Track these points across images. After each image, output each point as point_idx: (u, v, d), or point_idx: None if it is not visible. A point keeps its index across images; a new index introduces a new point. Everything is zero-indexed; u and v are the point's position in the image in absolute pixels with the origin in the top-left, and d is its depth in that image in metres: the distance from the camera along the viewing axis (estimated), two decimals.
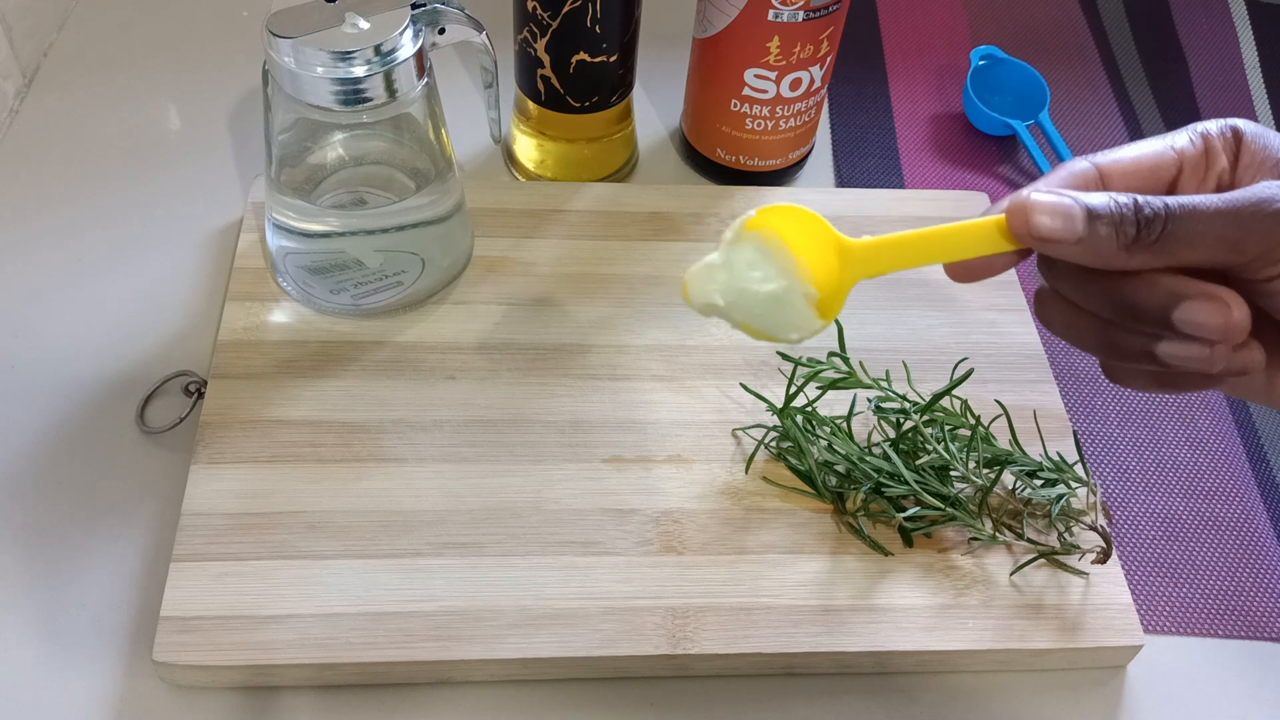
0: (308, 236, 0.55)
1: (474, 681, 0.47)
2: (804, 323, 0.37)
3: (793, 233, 0.37)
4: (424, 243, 0.56)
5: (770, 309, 0.37)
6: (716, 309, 0.38)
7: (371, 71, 0.48)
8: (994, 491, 0.50)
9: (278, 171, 0.54)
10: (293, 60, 0.48)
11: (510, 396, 0.54)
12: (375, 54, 0.48)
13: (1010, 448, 0.52)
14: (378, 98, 0.49)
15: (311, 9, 0.49)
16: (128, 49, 0.73)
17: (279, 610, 0.46)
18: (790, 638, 0.47)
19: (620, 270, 0.60)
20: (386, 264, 0.55)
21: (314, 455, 0.51)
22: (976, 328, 0.59)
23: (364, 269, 0.55)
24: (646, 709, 0.47)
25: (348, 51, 0.48)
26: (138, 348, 0.57)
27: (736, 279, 0.37)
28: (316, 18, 0.49)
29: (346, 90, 0.49)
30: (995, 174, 0.72)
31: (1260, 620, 0.52)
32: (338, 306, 0.56)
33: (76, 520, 0.51)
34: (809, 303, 0.37)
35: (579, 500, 0.51)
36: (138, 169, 0.66)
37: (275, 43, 0.48)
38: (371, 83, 0.49)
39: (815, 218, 0.37)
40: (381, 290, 0.55)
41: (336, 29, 0.48)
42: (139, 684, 0.46)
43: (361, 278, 0.55)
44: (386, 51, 0.48)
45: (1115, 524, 0.54)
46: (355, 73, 0.48)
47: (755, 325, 0.38)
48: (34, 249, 0.61)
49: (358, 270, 0.55)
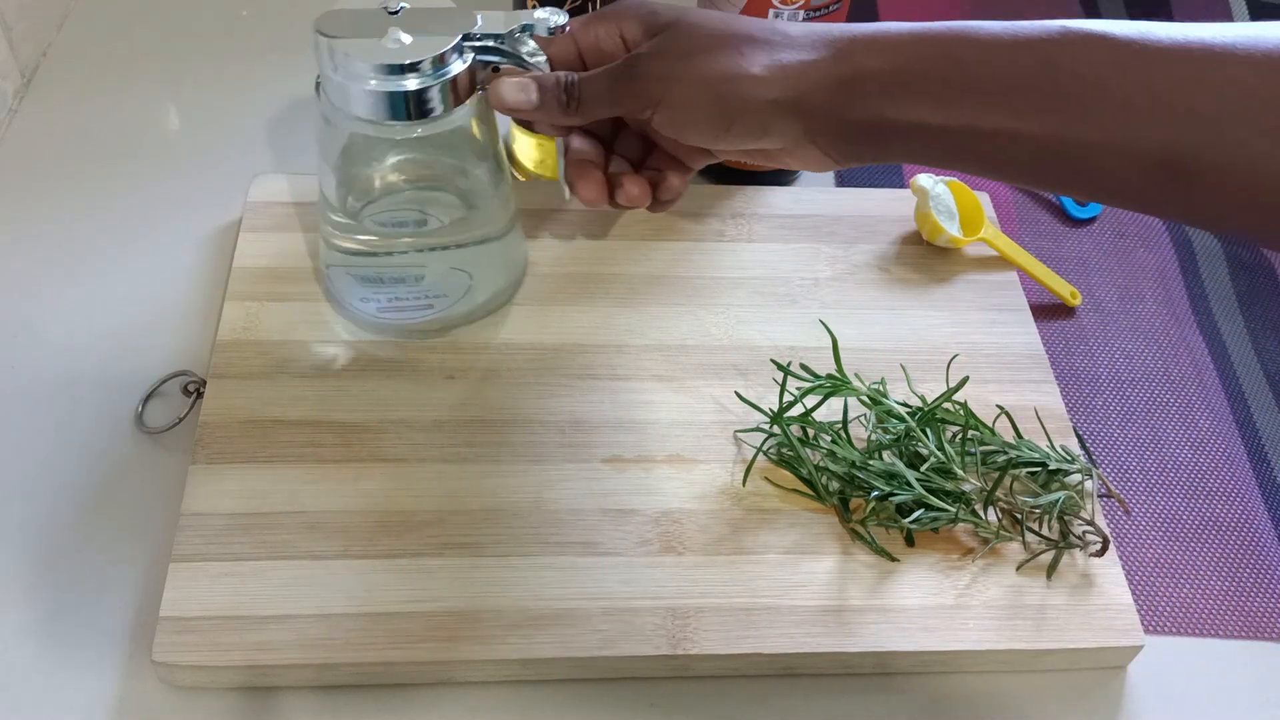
0: (354, 253, 0.54)
1: (474, 682, 0.47)
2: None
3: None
4: (477, 260, 0.55)
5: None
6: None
7: (423, 84, 0.47)
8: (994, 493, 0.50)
9: (337, 191, 0.53)
10: (340, 72, 0.47)
11: (510, 396, 0.54)
12: (415, 69, 0.47)
13: (1014, 442, 0.52)
14: (430, 111, 0.48)
15: (362, 17, 0.48)
16: (128, 49, 0.73)
17: (278, 610, 0.46)
18: (790, 638, 0.47)
19: (620, 270, 0.60)
20: (432, 282, 0.55)
21: (313, 455, 0.51)
22: (976, 328, 0.59)
23: (411, 285, 0.54)
24: (646, 710, 0.47)
25: (395, 64, 0.46)
26: (137, 348, 0.57)
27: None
28: (363, 25, 0.47)
29: (393, 104, 0.47)
30: None
31: (1261, 620, 0.52)
32: (373, 319, 0.56)
33: (76, 520, 0.51)
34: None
35: (579, 500, 0.51)
36: (137, 169, 0.66)
37: (324, 52, 0.47)
38: (421, 97, 0.47)
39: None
40: (418, 309, 0.55)
41: (377, 41, 0.47)
42: (139, 684, 0.46)
43: (403, 293, 0.55)
44: (430, 69, 0.47)
45: (1116, 523, 0.54)
46: (406, 85, 0.47)
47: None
48: (33, 249, 0.61)
49: (403, 286, 0.54)
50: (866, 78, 0.42)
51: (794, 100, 0.43)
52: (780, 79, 0.43)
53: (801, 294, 0.60)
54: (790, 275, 0.61)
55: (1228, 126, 0.37)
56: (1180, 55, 0.38)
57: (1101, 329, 0.63)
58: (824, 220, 0.64)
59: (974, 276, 0.62)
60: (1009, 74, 0.40)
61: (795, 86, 0.43)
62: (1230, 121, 0.37)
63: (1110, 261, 0.67)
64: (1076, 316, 0.64)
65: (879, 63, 0.42)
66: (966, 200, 0.63)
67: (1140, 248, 0.68)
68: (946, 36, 0.41)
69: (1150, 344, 0.63)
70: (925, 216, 0.62)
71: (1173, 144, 0.38)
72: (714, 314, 0.59)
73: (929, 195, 0.61)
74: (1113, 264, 0.67)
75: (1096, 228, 0.69)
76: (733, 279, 0.60)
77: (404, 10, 0.48)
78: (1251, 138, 0.37)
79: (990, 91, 0.40)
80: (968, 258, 0.63)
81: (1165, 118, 0.38)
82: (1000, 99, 0.40)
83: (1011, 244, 0.63)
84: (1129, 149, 0.39)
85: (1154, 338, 0.63)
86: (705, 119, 0.44)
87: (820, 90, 0.42)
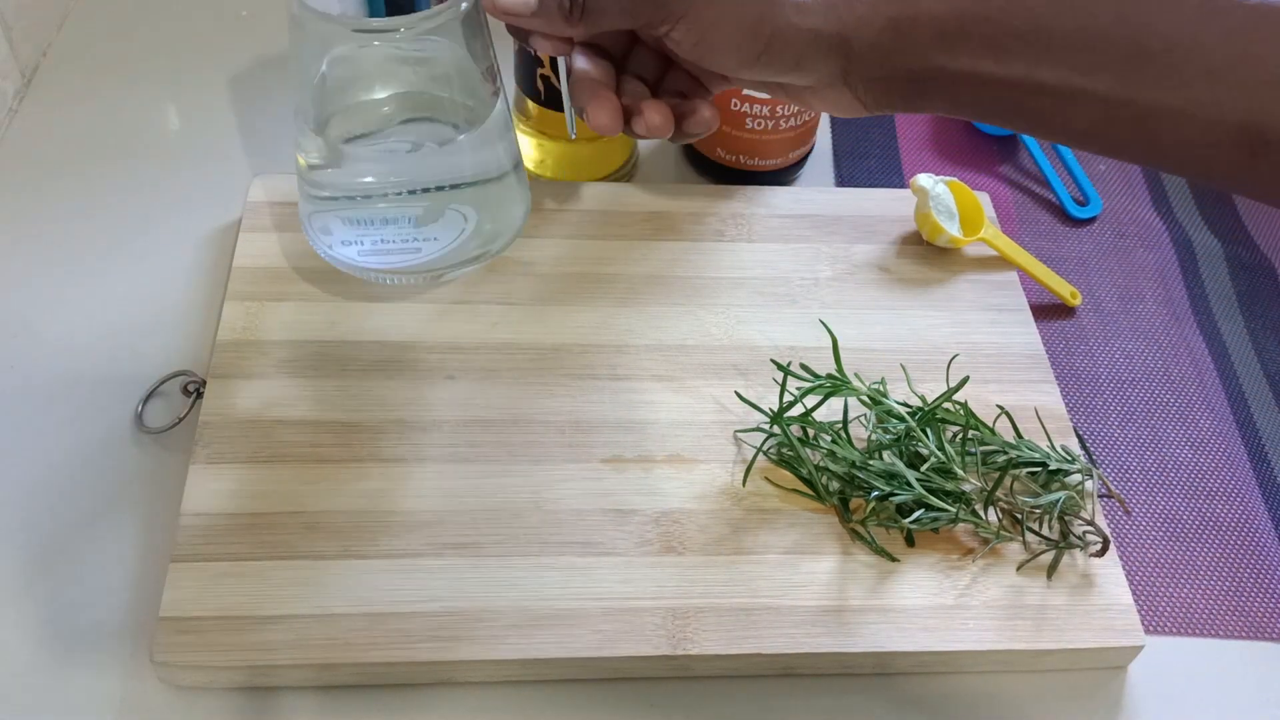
0: (340, 198, 0.51)
1: (474, 682, 0.47)
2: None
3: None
4: (477, 199, 0.52)
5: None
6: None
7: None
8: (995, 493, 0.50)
9: (318, 118, 0.50)
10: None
11: (510, 396, 0.54)
12: None
13: (1014, 442, 0.52)
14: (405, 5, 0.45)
15: None
16: (127, 49, 0.73)
17: (278, 610, 0.46)
18: (790, 638, 0.47)
19: (620, 270, 0.60)
20: (424, 218, 0.51)
21: (313, 455, 0.51)
22: (976, 328, 0.59)
23: (403, 226, 0.51)
24: (646, 710, 0.47)
25: None
26: (137, 348, 0.57)
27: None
28: None
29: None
30: (996, 173, 0.72)
31: (1261, 620, 0.52)
32: (354, 263, 0.53)
33: (76, 520, 0.51)
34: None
35: (579, 501, 0.51)
36: (137, 169, 0.66)
37: None
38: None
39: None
40: (404, 253, 0.52)
41: None
42: (139, 684, 0.46)
43: (391, 235, 0.51)
44: None
45: (1116, 523, 0.54)
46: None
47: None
48: (33, 249, 0.61)
49: (392, 228, 0.51)
50: (922, 20, 0.38)
51: (837, 34, 0.39)
52: (825, 7, 0.39)
53: (801, 294, 0.60)
54: (790, 275, 0.61)
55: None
56: (1268, 15, 0.35)
57: (1101, 329, 0.63)
58: (824, 220, 0.64)
59: (974, 276, 0.62)
60: (1085, 26, 0.37)
61: (841, 19, 0.39)
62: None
63: (1110, 261, 0.67)
64: (1076, 316, 0.64)
65: (938, 3, 0.38)
66: (966, 200, 0.63)
67: (1140, 248, 0.68)
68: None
69: (1150, 344, 0.63)
70: (925, 216, 0.62)
71: (1255, 109, 0.35)
72: (714, 314, 0.59)
73: (929, 195, 0.61)
74: (1113, 264, 0.67)
75: (1096, 228, 0.69)
76: (733, 279, 0.60)
77: None
78: None
79: (1062, 44, 0.37)
80: (968, 258, 0.63)
81: (1249, 81, 0.35)
82: (1072, 53, 0.37)
83: (1011, 244, 0.63)
84: (1208, 116, 0.36)
85: (1154, 338, 0.63)
86: (733, 43, 0.39)
87: (868, 28, 0.39)
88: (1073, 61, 0.37)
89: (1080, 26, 0.37)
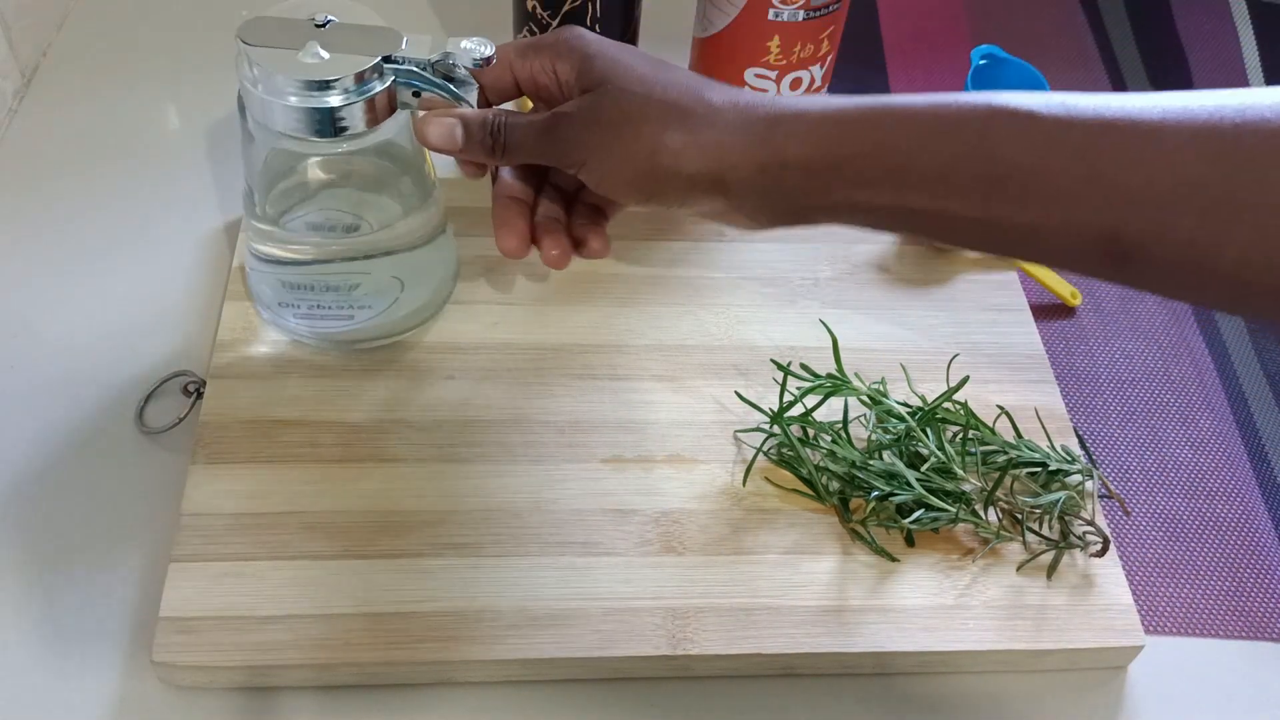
0: (283, 263, 0.53)
1: (473, 682, 0.47)
2: None
3: None
4: (405, 270, 0.54)
5: None
6: None
7: (347, 102, 0.46)
8: (995, 494, 0.50)
9: (261, 200, 0.52)
10: (262, 88, 0.46)
11: (510, 396, 0.54)
12: (335, 88, 0.46)
13: (1014, 442, 0.52)
14: (351, 128, 0.47)
15: (287, 26, 0.47)
16: (127, 49, 0.73)
17: (278, 611, 0.46)
18: (790, 638, 0.47)
19: (620, 270, 0.60)
20: (357, 291, 0.53)
21: (313, 455, 0.51)
22: (976, 328, 0.59)
23: (342, 293, 0.53)
24: (646, 710, 0.47)
25: (319, 81, 0.45)
26: (137, 348, 0.57)
27: None
28: (287, 35, 0.46)
29: (309, 120, 0.46)
30: None
31: (1261, 620, 0.52)
32: (290, 326, 0.54)
33: (76, 520, 0.51)
34: None
35: (579, 501, 0.51)
36: (137, 169, 0.66)
37: (243, 60, 0.46)
38: (344, 114, 0.46)
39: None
40: (337, 319, 0.54)
41: (295, 54, 0.46)
42: (138, 684, 0.46)
43: (328, 301, 0.53)
44: (344, 87, 0.46)
45: (1116, 523, 0.54)
46: (330, 102, 0.46)
47: None
48: (33, 249, 0.61)
49: (332, 294, 0.53)
50: (791, 164, 0.42)
51: (714, 177, 0.43)
52: (699, 157, 0.43)
53: (801, 294, 0.60)
54: (790, 275, 0.61)
55: (1160, 208, 0.36)
56: (1110, 133, 0.37)
57: (1101, 329, 0.63)
58: None
59: (974, 276, 0.62)
60: (938, 160, 0.40)
61: (714, 165, 0.43)
62: (1162, 203, 0.36)
63: None
64: (1076, 316, 0.64)
65: (800, 149, 0.41)
66: None
67: None
68: (871, 117, 0.41)
69: (1150, 344, 0.63)
70: None
71: (1108, 225, 0.37)
72: (714, 314, 0.59)
73: None
74: None
75: None
76: (733, 279, 0.60)
77: (331, 24, 0.47)
78: (1183, 219, 0.36)
79: (920, 177, 0.40)
80: (968, 258, 0.63)
81: (1098, 200, 0.37)
82: (931, 184, 0.40)
83: None
84: (1066, 229, 0.38)
85: (1154, 338, 0.63)
86: (627, 184, 0.45)
87: (739, 171, 0.42)
88: (933, 190, 0.40)
89: (935, 160, 0.40)
